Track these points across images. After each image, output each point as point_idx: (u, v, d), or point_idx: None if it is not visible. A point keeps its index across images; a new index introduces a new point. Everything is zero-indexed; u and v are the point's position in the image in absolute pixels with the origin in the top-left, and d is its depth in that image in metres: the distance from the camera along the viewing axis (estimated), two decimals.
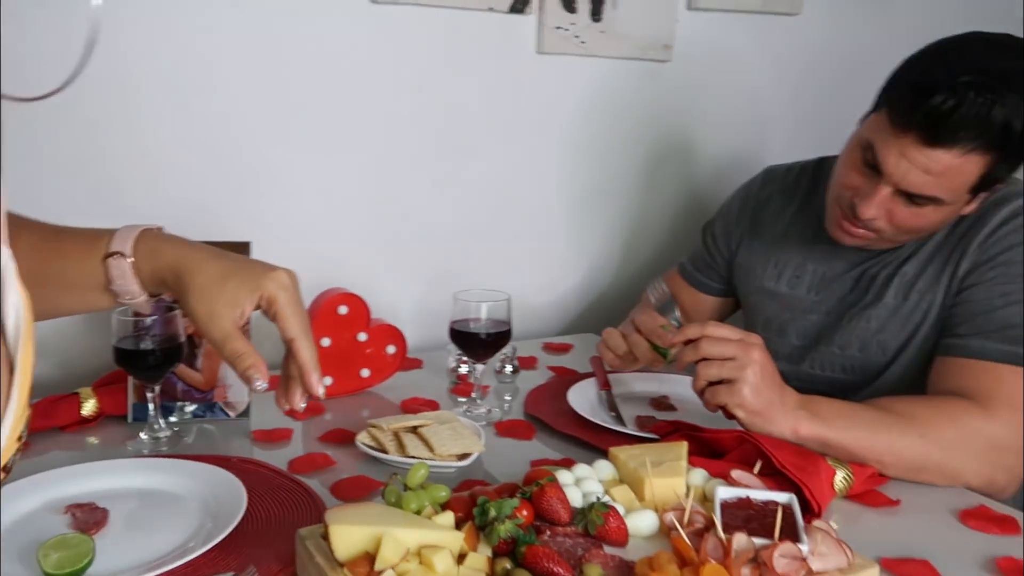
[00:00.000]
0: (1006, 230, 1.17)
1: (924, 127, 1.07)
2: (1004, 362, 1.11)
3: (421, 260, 1.68)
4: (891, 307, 1.26)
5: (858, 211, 1.16)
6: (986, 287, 1.16)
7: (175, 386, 1.23)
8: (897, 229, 1.18)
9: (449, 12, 1.58)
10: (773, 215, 1.45)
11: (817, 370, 1.34)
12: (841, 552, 0.78)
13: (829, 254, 1.34)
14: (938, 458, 1.07)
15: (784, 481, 0.96)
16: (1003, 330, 1.13)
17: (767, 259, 1.43)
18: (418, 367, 1.53)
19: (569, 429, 1.23)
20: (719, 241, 1.53)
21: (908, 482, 1.08)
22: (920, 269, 1.24)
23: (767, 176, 1.51)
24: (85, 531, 0.89)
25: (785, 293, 1.39)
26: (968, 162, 1.08)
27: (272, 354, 1.57)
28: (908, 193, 1.13)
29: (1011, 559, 0.91)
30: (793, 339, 1.37)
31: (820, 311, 1.35)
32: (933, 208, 1.14)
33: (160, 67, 1.37)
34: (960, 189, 1.12)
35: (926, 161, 1.09)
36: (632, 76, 1.81)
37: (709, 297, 1.57)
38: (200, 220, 1.41)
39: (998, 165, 1.09)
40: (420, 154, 1.63)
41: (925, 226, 1.18)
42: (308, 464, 1.10)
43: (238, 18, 1.41)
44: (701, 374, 1.06)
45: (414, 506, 0.83)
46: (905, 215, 1.16)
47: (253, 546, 0.89)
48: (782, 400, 1.05)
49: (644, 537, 0.86)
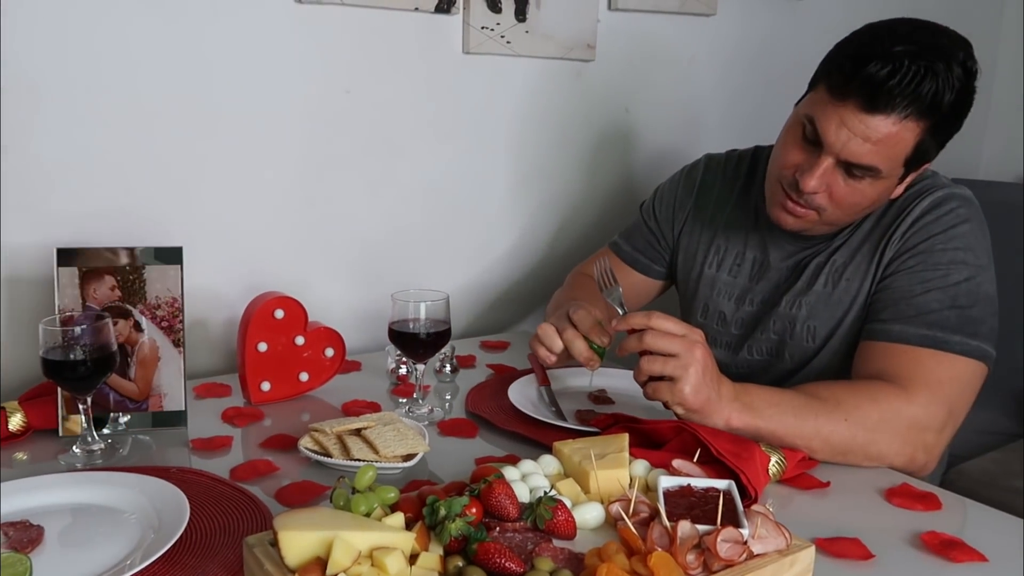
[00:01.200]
0: (926, 220, 1.23)
1: (862, 94, 1.12)
2: (922, 346, 1.17)
3: (356, 261, 1.68)
4: (820, 294, 1.31)
5: (801, 184, 1.20)
6: (907, 275, 1.22)
7: (107, 397, 1.20)
8: (836, 205, 1.22)
9: (375, 12, 1.57)
10: (715, 201, 1.48)
11: (755, 355, 1.39)
12: (780, 534, 0.82)
13: (767, 243, 1.39)
14: (863, 440, 1.12)
15: (722, 468, 1.00)
16: (922, 315, 1.19)
17: (708, 245, 1.46)
18: (357, 369, 1.52)
19: (511, 426, 1.25)
20: (662, 224, 1.54)
21: (836, 465, 1.13)
22: (849, 258, 1.29)
23: (708, 162, 1.53)
24: (20, 550, 0.86)
25: (725, 280, 1.43)
26: (904, 129, 1.13)
27: (211, 360, 1.55)
28: (848, 164, 1.17)
29: (934, 533, 0.96)
30: (732, 326, 1.42)
31: (757, 299, 1.39)
32: (870, 182, 1.19)
33: (79, 70, 1.33)
34: (896, 160, 1.17)
35: (865, 129, 1.13)
36: (558, 75, 1.84)
37: (646, 278, 1.58)
38: (130, 226, 1.38)
39: (929, 137, 1.15)
40: (351, 155, 1.62)
41: (862, 202, 1.22)
42: (250, 471, 1.09)
43: (159, 19, 1.38)
44: (644, 368, 1.08)
45: (363, 508, 0.82)
46: (844, 191, 1.20)
47: (198, 557, 0.88)
48: (719, 394, 1.08)
49: (591, 529, 0.88)
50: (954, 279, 1.19)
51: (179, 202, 1.46)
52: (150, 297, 1.21)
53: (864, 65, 1.11)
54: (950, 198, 1.24)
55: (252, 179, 1.53)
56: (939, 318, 1.18)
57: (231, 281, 1.52)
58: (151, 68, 1.39)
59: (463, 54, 1.70)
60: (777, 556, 0.80)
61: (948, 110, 1.13)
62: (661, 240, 1.55)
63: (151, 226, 1.40)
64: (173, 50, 1.40)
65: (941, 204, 1.23)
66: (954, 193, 1.25)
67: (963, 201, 1.25)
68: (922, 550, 0.94)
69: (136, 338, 1.21)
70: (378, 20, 1.58)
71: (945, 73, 1.10)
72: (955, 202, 1.24)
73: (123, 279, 1.20)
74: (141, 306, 1.21)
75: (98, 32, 1.34)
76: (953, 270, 1.20)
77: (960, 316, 1.18)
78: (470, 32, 1.67)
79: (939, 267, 1.20)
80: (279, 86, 1.51)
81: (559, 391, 1.38)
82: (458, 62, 1.70)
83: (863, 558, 0.91)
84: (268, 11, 1.47)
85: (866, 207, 1.24)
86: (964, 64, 1.12)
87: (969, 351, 1.16)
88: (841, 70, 1.15)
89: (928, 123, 1.13)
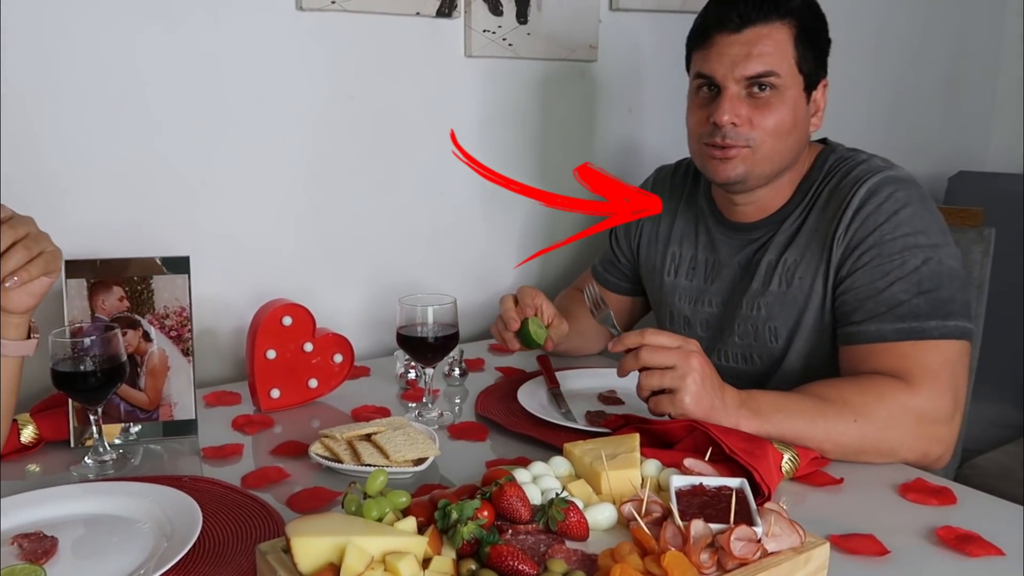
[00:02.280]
0: (867, 211, 1.22)
1: (722, 24, 1.23)
2: (901, 339, 1.16)
3: (363, 267, 1.68)
4: (776, 294, 1.31)
5: (715, 120, 1.24)
6: (866, 272, 1.21)
7: (118, 407, 1.20)
8: (760, 130, 1.24)
9: (376, 17, 1.57)
10: (666, 211, 1.50)
11: (724, 361, 1.39)
12: (794, 532, 0.81)
13: (715, 242, 1.41)
14: (874, 439, 1.11)
15: (734, 466, 1.00)
16: (892, 309, 1.18)
17: (664, 255, 1.49)
18: (366, 375, 1.52)
19: (521, 428, 1.24)
20: (621, 243, 1.59)
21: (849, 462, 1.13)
22: (800, 255, 1.29)
23: (657, 176, 1.57)
24: (34, 561, 0.86)
25: (684, 285, 1.45)
26: (774, 30, 1.22)
27: (220, 368, 1.55)
28: (747, 84, 1.23)
29: (949, 528, 0.95)
30: (699, 330, 1.43)
31: (717, 301, 1.40)
32: (776, 94, 1.23)
33: (86, 81, 1.34)
34: (786, 60, 1.22)
35: (741, 46, 1.22)
36: (561, 76, 1.83)
37: (620, 297, 1.61)
38: (137, 236, 1.38)
39: (800, 37, 1.23)
40: (356, 161, 1.62)
41: (783, 120, 1.24)
42: (262, 478, 1.09)
43: (162, 28, 1.38)
44: (644, 384, 1.09)
45: (375, 514, 0.82)
46: (759, 112, 1.23)
47: (211, 565, 0.88)
48: (723, 402, 1.08)
49: (604, 530, 0.88)
50: (912, 264, 1.18)
51: (185, 211, 1.47)
52: (158, 307, 1.21)
53: (711, 6, 1.25)
54: (886, 183, 1.23)
55: (257, 187, 1.53)
56: (910, 308, 1.16)
57: (239, 289, 1.52)
58: (156, 78, 1.40)
59: (465, 58, 1.70)
60: (792, 554, 0.80)
61: (804, 12, 1.23)
62: (623, 258, 1.59)
63: (158, 236, 1.40)
64: (177, 60, 1.41)
65: (878, 191, 1.22)
66: (889, 177, 1.23)
67: (899, 183, 1.23)
68: (938, 545, 0.93)
69: (145, 348, 1.21)
70: (380, 26, 1.58)
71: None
72: (891, 186, 1.22)
73: (131, 289, 1.20)
74: (150, 316, 1.21)
75: (104, 42, 1.34)
76: (909, 256, 1.18)
77: (930, 300, 1.16)
78: (472, 35, 1.68)
79: (894, 257, 1.19)
80: (283, 93, 1.52)
81: (569, 393, 1.38)
82: (461, 66, 1.70)
83: (878, 554, 0.91)
84: (270, 19, 1.48)
85: (791, 128, 1.25)
86: None
87: (948, 332, 1.15)
88: (697, 25, 1.28)
89: (792, 22, 1.22)
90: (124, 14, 1.35)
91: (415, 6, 1.60)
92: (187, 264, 1.22)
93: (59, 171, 1.35)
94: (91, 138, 1.36)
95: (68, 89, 1.33)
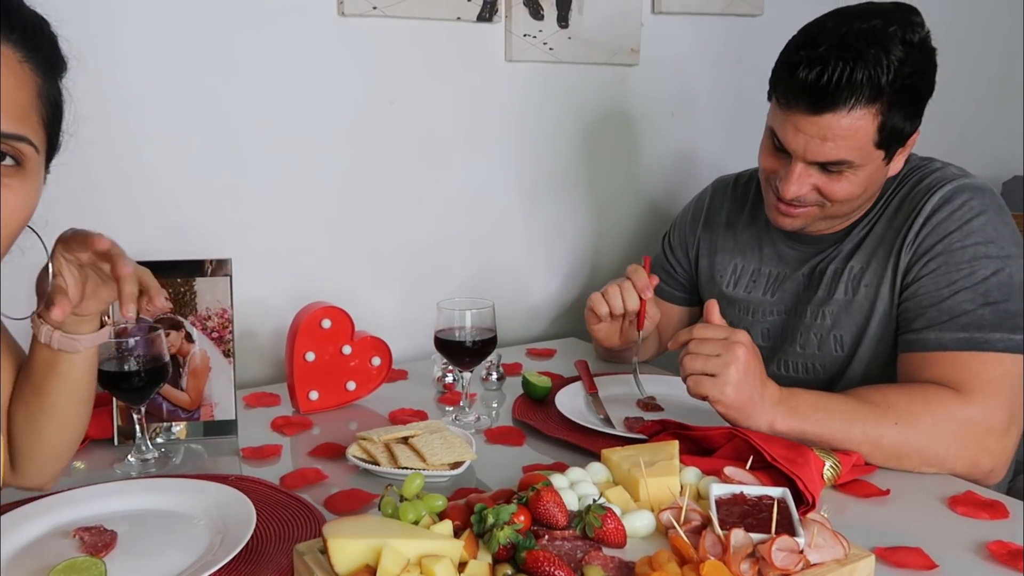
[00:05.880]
0: (938, 218, 1.19)
1: (803, 99, 1.14)
2: (962, 349, 1.13)
3: (401, 270, 1.68)
4: (842, 302, 1.28)
5: (781, 192, 1.22)
6: (931, 279, 1.18)
7: (160, 407, 1.22)
8: (829, 198, 1.21)
9: (418, 23, 1.58)
10: (725, 225, 1.49)
11: (785, 371, 1.36)
12: (837, 543, 0.79)
13: (779, 255, 1.39)
14: (916, 444, 1.09)
15: (775, 475, 0.98)
16: (955, 319, 1.15)
17: (724, 267, 1.47)
18: (403, 378, 1.53)
19: (558, 433, 1.23)
20: (677, 252, 1.58)
21: (896, 471, 1.10)
22: (866, 263, 1.26)
23: (716, 187, 1.55)
24: (94, 554, 0.88)
25: (743, 297, 1.42)
26: (856, 119, 1.13)
27: (260, 370, 1.57)
28: (819, 163, 1.18)
29: (1001, 542, 0.92)
30: (759, 341, 1.40)
31: (779, 311, 1.38)
32: (850, 171, 1.18)
33: (128, 88, 1.36)
34: (864, 147, 1.16)
35: (818, 129, 1.15)
36: (602, 80, 1.82)
37: (673, 306, 1.59)
38: (181, 238, 1.40)
39: (889, 114, 1.14)
40: (396, 166, 1.63)
41: (855, 190, 1.20)
42: (300, 479, 1.10)
43: (203, 34, 1.40)
44: (687, 365, 1.08)
45: (412, 516, 0.82)
46: (830, 186, 1.20)
47: (253, 564, 0.88)
48: (762, 395, 1.06)
49: (642, 537, 0.87)
50: (981, 275, 1.15)
51: (228, 215, 1.48)
52: (201, 308, 1.23)
53: (795, 72, 1.14)
54: (960, 191, 1.19)
55: (299, 191, 1.55)
56: (974, 318, 1.14)
57: (279, 292, 1.54)
58: (200, 84, 1.42)
59: (506, 62, 1.70)
60: (835, 565, 0.78)
61: (897, 86, 1.13)
62: (679, 268, 1.58)
63: (201, 238, 1.42)
64: (221, 66, 1.43)
65: (952, 199, 1.19)
66: (964, 185, 1.20)
67: (975, 192, 1.19)
68: (988, 560, 0.90)
69: (188, 349, 1.23)
70: (421, 31, 1.59)
71: (877, 56, 1.11)
72: (966, 194, 1.19)
73: (175, 291, 1.22)
74: (192, 317, 1.23)
75: (144, 49, 1.37)
76: (978, 266, 1.16)
77: (996, 312, 1.13)
78: (512, 40, 1.67)
79: (962, 266, 1.16)
80: (324, 98, 1.53)
81: (607, 398, 1.37)
82: (501, 70, 1.70)
83: (926, 568, 0.88)
84: (312, 25, 1.49)
85: (863, 192, 1.22)
86: (903, 38, 1.12)
87: (1012, 346, 1.12)
88: (780, 80, 1.19)
89: (880, 105, 1.13)
90: (169, 21, 1.37)
91: (456, 11, 1.60)
92: (229, 266, 1.23)
93: (106, 175, 1.37)
94: (136, 143, 1.39)
95: (113, 95, 1.35)
